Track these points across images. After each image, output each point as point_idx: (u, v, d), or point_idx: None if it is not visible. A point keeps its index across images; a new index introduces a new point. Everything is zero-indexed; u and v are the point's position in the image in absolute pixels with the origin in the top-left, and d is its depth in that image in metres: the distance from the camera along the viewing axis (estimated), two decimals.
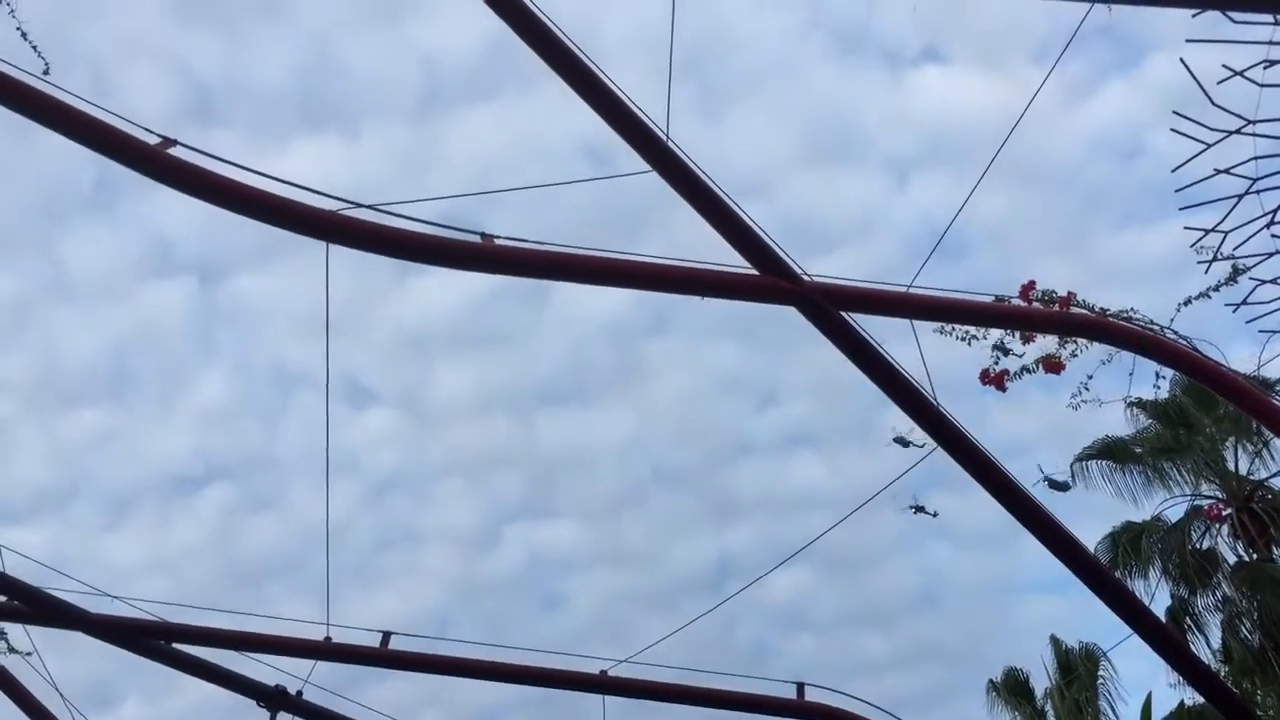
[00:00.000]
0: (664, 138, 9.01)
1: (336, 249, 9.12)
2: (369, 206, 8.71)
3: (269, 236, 9.30)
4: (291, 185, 8.91)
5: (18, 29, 8.94)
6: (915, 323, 9.92)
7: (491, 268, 9.20)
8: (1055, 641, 30.03)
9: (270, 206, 8.41)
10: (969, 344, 10.60)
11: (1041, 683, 30.50)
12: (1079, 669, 28.89)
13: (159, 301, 53.28)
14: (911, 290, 9.69)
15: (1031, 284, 10.13)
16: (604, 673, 12.92)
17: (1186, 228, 12.29)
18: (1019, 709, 30.34)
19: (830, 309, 9.47)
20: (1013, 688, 30.80)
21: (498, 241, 8.92)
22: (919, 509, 42.36)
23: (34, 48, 9.01)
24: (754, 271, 9.51)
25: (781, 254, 9.56)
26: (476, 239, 9.01)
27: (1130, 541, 29.11)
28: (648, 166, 9.38)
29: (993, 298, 10.22)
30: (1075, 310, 10.15)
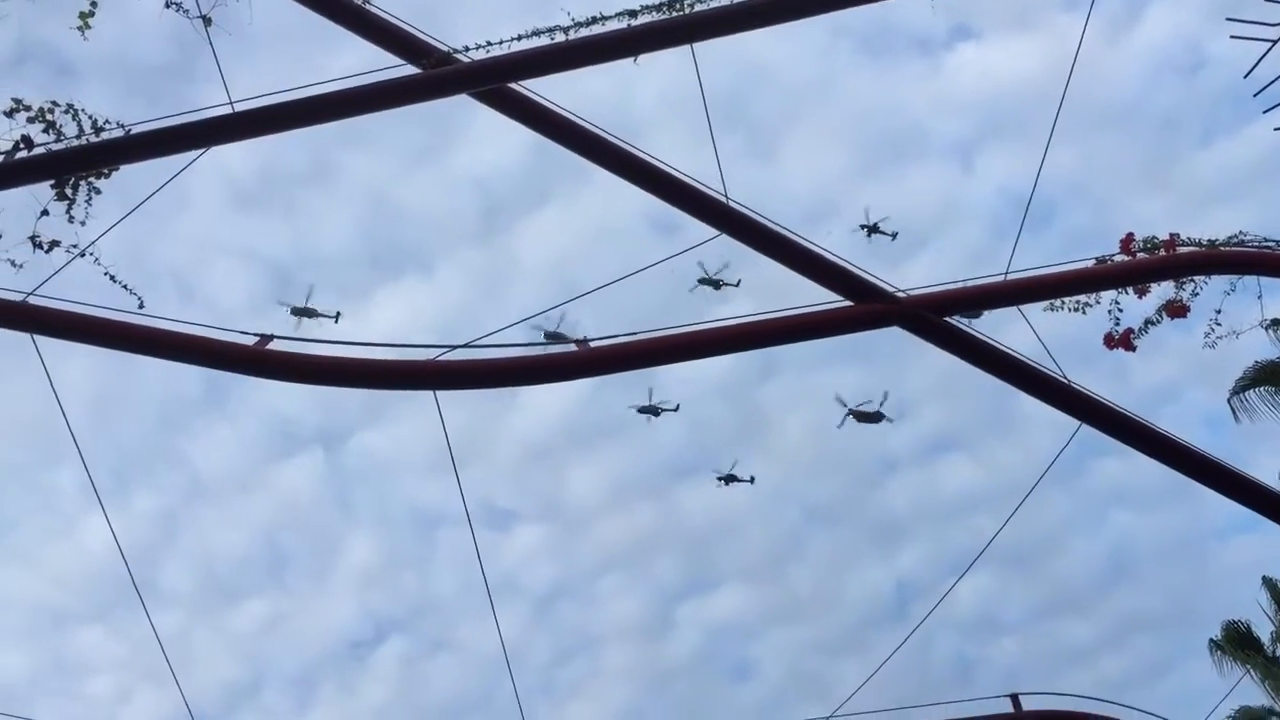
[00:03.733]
0: (725, 201, 9.08)
1: None
2: (463, 346, 8.92)
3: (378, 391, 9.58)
4: (387, 346, 9.22)
5: (106, 274, 9.45)
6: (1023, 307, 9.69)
7: (593, 371, 9.31)
8: (1269, 583, 28.37)
9: (373, 373, 8.68)
10: (1084, 312, 10.30)
11: (1265, 628, 28.80)
12: None
13: (292, 479, 55.06)
14: (1009, 277, 9.48)
15: (1130, 236, 9.83)
16: None
17: (1277, 129, 11.80)
18: (1249, 661, 28.66)
19: (933, 319, 9.32)
20: (1236, 640, 29.03)
21: (593, 344, 9.03)
22: (729, 478, 40.72)
23: (125, 287, 9.52)
24: (848, 302, 9.44)
25: (870, 278, 9.49)
26: (573, 348, 9.15)
27: None
28: (716, 231, 9.46)
29: (1094, 260, 9.93)
30: (1182, 249, 9.80)
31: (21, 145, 9.20)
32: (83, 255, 9.40)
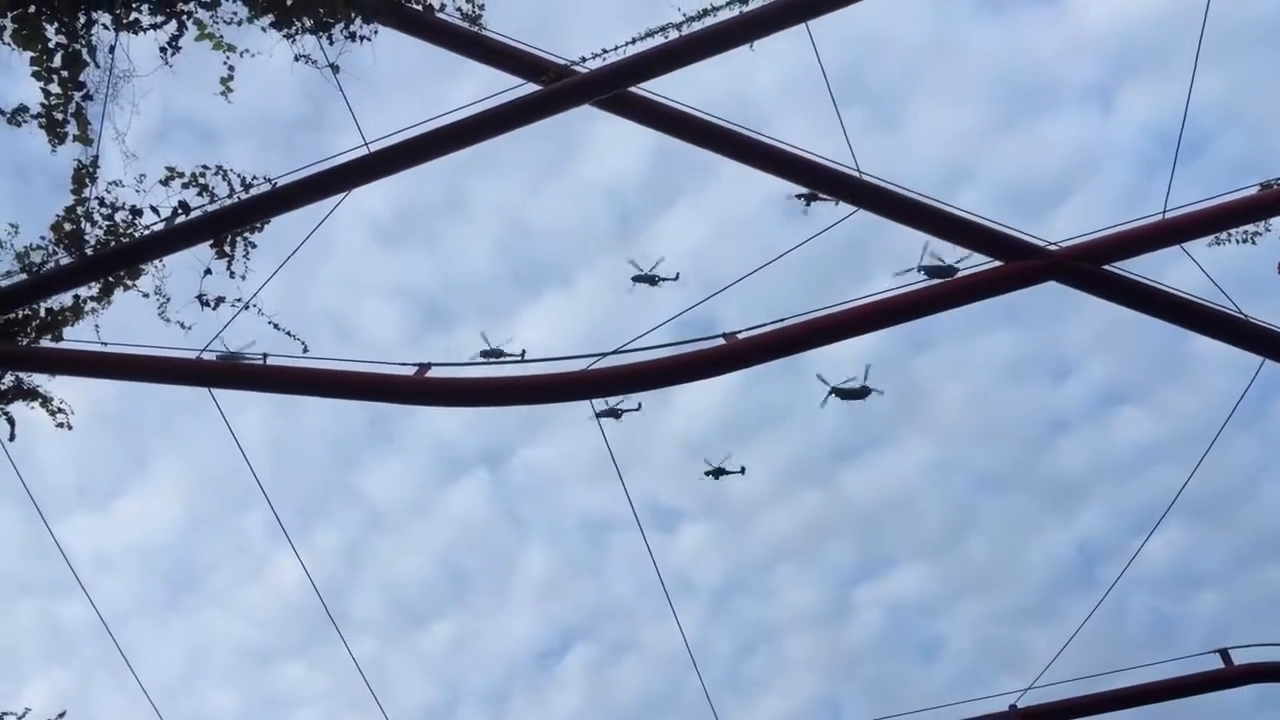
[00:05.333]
0: (858, 175, 8.94)
1: None
2: (613, 353, 9.00)
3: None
4: (539, 361, 9.39)
5: (270, 323, 9.91)
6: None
7: (743, 363, 9.24)
8: None
9: (529, 389, 8.85)
10: (1253, 242, 9.77)
11: None
12: None
13: (462, 501, 56.61)
14: (1168, 215, 9.05)
15: None
16: (1013, 707, 12.31)
17: None
18: None
19: (1090, 268, 8.97)
20: None
21: (741, 336, 9.01)
22: (719, 471, 39.03)
23: (288, 333, 9.96)
24: (998, 263, 9.17)
25: (1018, 235, 9.20)
26: (720, 341, 9.13)
27: None
28: (851, 207, 9.33)
29: (1257, 187, 9.40)
30: None
31: (180, 210, 9.73)
32: (246, 308, 9.88)
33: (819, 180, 9.06)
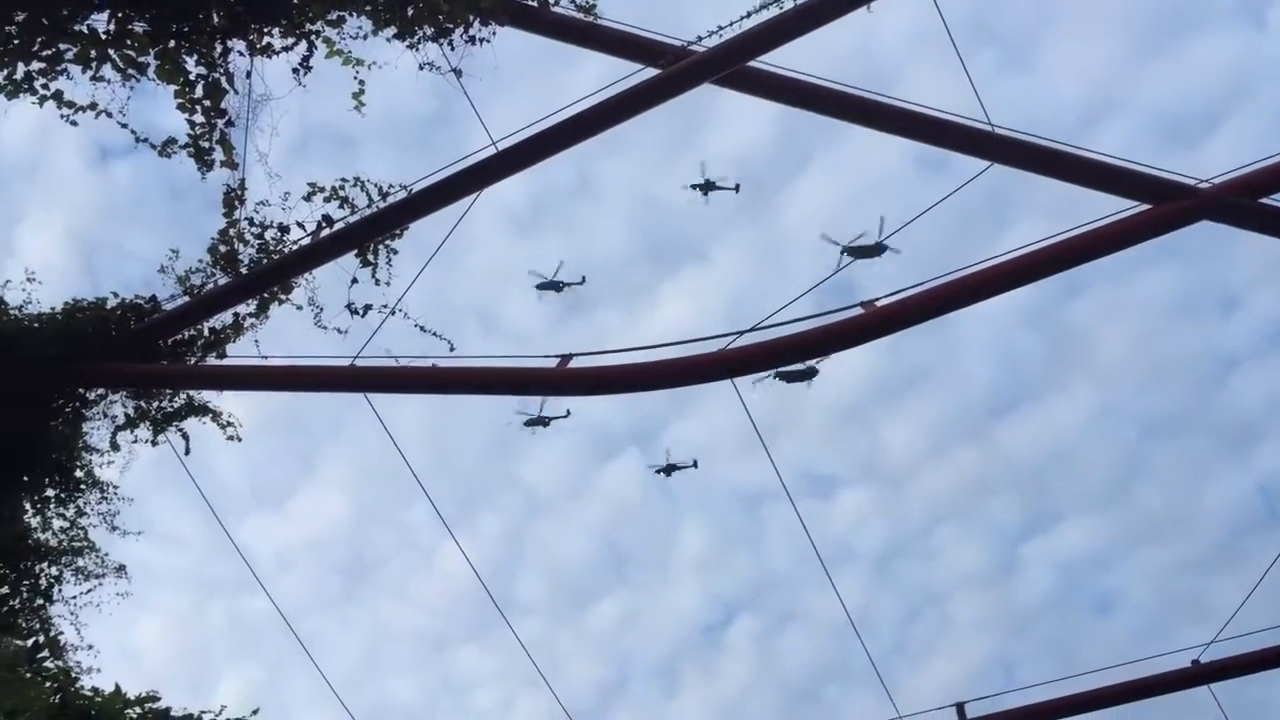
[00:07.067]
0: (990, 129, 8.68)
1: None
2: (750, 330, 8.97)
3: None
4: (677, 344, 9.42)
5: (417, 327, 10.22)
6: None
7: (884, 331, 9.07)
8: None
9: (669, 373, 8.91)
10: None
11: None
12: None
13: (616, 481, 57.24)
14: None
15: None
16: (1195, 662, 11.84)
17: None
18: None
19: (1245, 204, 8.50)
20: None
21: (879, 304, 8.85)
22: (670, 468, 37.19)
23: (435, 334, 10.25)
24: (1145, 206, 8.78)
25: (1165, 175, 8.79)
26: (859, 310, 8.99)
27: None
28: (986, 162, 9.06)
29: None
30: None
31: (324, 224, 10.11)
32: (393, 314, 10.21)
33: (949, 137, 8.81)
